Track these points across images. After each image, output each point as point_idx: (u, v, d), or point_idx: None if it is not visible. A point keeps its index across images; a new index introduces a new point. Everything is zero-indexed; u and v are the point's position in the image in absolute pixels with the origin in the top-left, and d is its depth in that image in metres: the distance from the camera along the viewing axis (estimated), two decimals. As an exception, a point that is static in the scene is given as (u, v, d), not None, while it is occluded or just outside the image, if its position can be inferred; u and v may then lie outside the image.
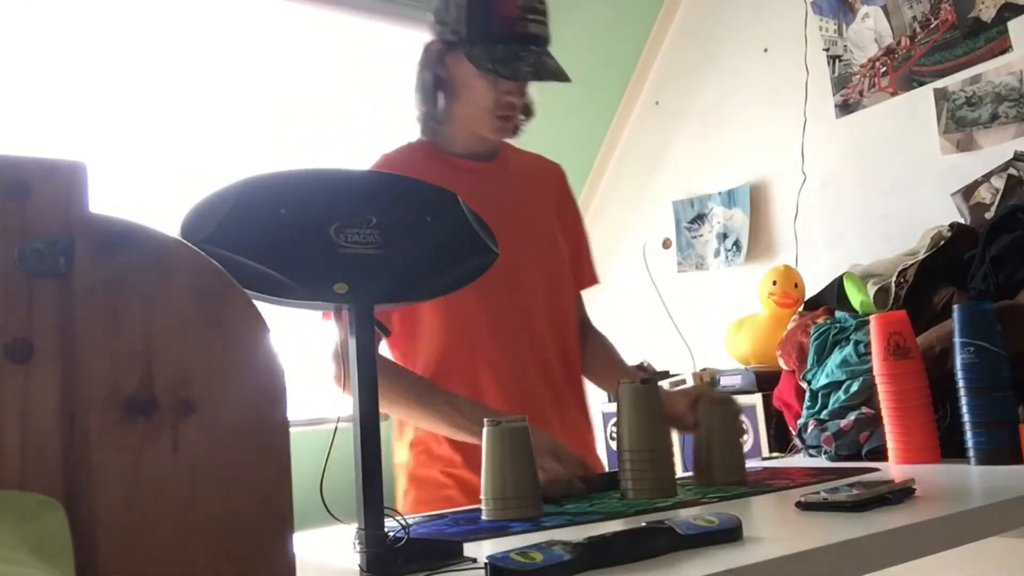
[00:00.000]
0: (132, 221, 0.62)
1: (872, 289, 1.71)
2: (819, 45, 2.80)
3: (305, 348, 2.28)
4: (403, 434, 1.58)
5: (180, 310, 0.62)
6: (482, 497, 1.14)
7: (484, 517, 1.13)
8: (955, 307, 1.40)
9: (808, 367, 1.77)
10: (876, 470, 1.37)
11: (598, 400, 2.62)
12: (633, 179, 3.43)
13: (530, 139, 1.67)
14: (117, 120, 2.49)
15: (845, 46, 2.72)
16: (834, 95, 2.75)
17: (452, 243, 0.93)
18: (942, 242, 1.75)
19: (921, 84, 2.52)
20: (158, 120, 2.56)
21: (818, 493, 1.01)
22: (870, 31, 2.66)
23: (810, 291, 2.35)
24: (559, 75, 1.48)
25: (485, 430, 1.15)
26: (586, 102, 3.27)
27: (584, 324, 1.71)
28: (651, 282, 3.19)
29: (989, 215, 2.24)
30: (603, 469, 1.58)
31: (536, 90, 1.60)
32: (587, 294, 1.74)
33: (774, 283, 2.51)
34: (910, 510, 0.98)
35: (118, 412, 0.59)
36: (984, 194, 2.34)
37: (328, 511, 0.89)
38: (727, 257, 3.06)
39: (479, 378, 1.50)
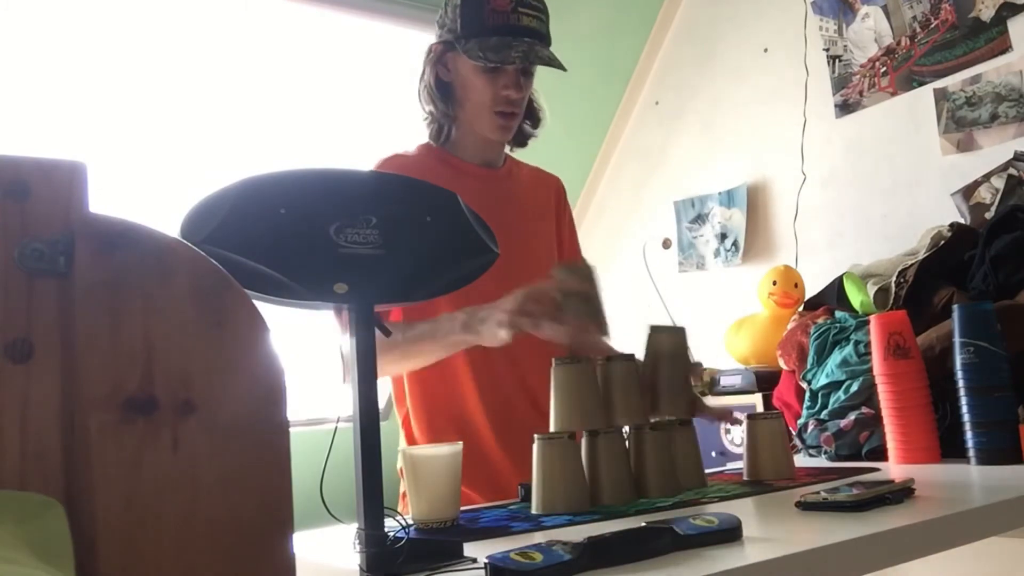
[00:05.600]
0: (132, 221, 0.62)
1: (872, 289, 1.71)
2: (819, 45, 2.80)
3: (305, 348, 2.28)
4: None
5: (180, 310, 0.62)
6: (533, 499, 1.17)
7: (533, 511, 1.16)
8: (955, 307, 1.40)
9: (808, 367, 1.77)
10: (876, 470, 1.37)
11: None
12: (633, 179, 3.43)
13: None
14: (117, 120, 2.49)
15: (845, 46, 2.72)
16: (834, 95, 2.75)
17: (452, 243, 0.94)
18: (942, 242, 1.75)
19: (921, 84, 2.52)
20: (158, 120, 2.56)
21: (818, 493, 1.01)
22: (870, 31, 2.66)
23: (810, 291, 2.35)
24: (551, 62, 1.50)
25: (536, 443, 1.17)
26: (586, 102, 3.27)
27: None
28: (651, 282, 3.18)
29: (989, 215, 2.24)
30: None
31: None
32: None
33: (774, 283, 2.51)
34: (910, 510, 0.98)
35: (118, 412, 0.59)
36: (984, 194, 2.34)
37: (328, 511, 0.89)
38: (726, 257, 3.06)
39: (458, 374, 1.51)
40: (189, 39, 2.60)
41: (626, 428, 1.28)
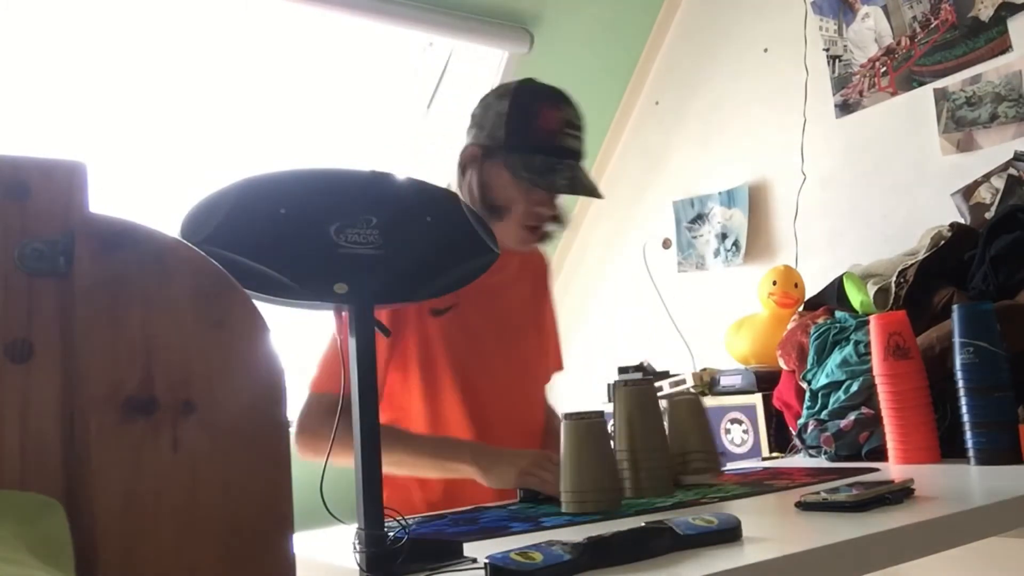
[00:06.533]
0: (132, 221, 0.62)
1: (872, 289, 1.71)
2: (819, 45, 2.80)
3: (305, 348, 2.28)
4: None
5: (180, 310, 0.62)
6: (561, 490, 1.16)
7: (564, 510, 1.14)
8: (955, 307, 1.40)
9: (808, 367, 1.77)
10: (876, 470, 1.37)
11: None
12: (633, 179, 3.43)
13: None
14: (117, 120, 2.49)
15: (845, 46, 2.72)
16: (834, 95, 2.75)
17: (452, 243, 0.94)
18: (942, 242, 1.75)
19: (921, 84, 2.51)
20: (158, 120, 2.56)
21: (818, 493, 1.01)
22: (870, 31, 2.66)
23: (810, 291, 2.35)
24: (593, 191, 1.52)
25: (563, 424, 1.17)
26: (586, 102, 3.26)
27: (548, 409, 1.74)
28: (651, 282, 3.18)
29: (989, 215, 2.24)
30: None
31: None
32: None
33: (774, 283, 2.51)
34: (910, 510, 0.98)
35: (118, 412, 0.59)
36: (984, 194, 2.34)
37: (328, 511, 0.89)
38: (726, 257, 3.06)
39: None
40: (189, 39, 2.60)
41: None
